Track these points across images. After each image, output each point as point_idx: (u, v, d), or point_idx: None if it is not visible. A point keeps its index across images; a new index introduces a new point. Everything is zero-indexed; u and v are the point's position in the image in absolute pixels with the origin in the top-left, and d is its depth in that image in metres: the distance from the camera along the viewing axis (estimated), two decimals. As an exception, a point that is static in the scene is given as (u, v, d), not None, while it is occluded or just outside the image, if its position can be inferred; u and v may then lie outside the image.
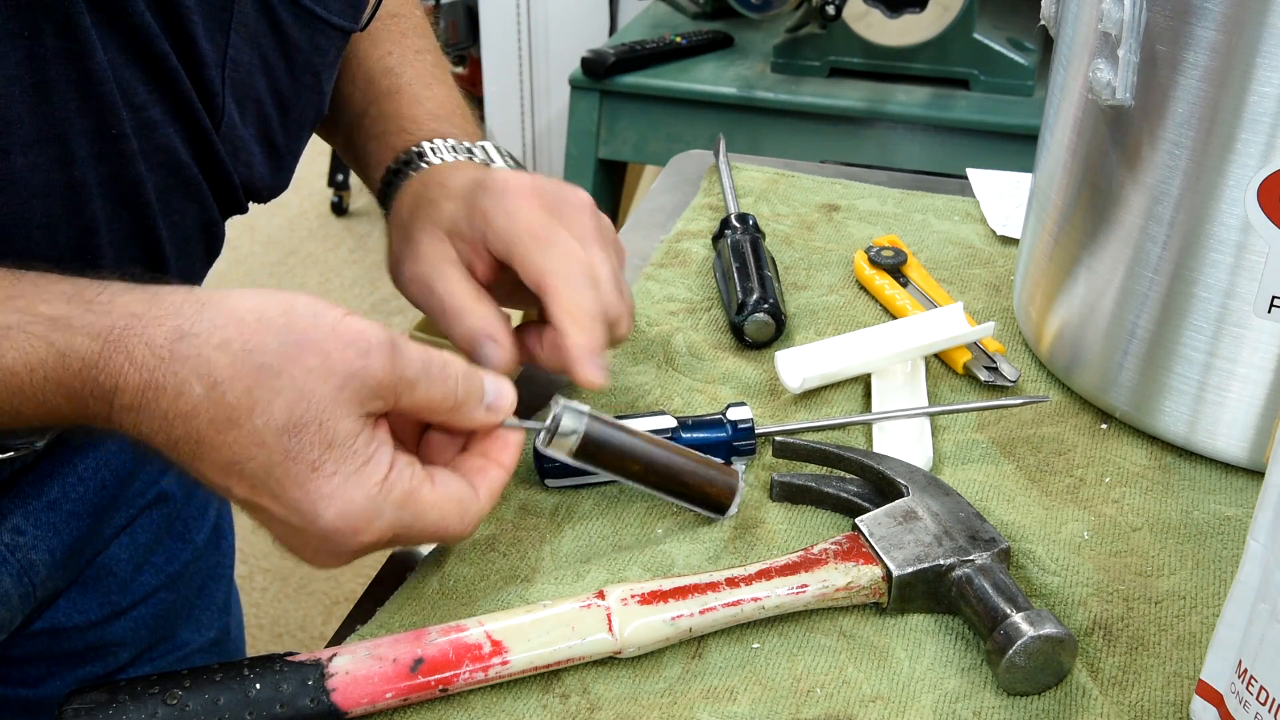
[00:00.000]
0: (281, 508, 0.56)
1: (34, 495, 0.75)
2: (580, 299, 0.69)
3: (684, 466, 0.68)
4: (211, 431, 0.55)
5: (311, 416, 0.55)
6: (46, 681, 0.84)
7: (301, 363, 0.55)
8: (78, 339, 0.54)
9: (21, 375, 0.54)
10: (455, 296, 0.71)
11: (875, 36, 1.81)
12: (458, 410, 0.61)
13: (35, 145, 0.58)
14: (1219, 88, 0.67)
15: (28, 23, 0.56)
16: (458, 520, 0.61)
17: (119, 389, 0.54)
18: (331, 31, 0.73)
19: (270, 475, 0.55)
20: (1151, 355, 0.76)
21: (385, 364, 0.57)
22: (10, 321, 0.54)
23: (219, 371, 0.54)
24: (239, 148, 0.69)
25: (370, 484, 0.57)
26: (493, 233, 0.70)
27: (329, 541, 0.57)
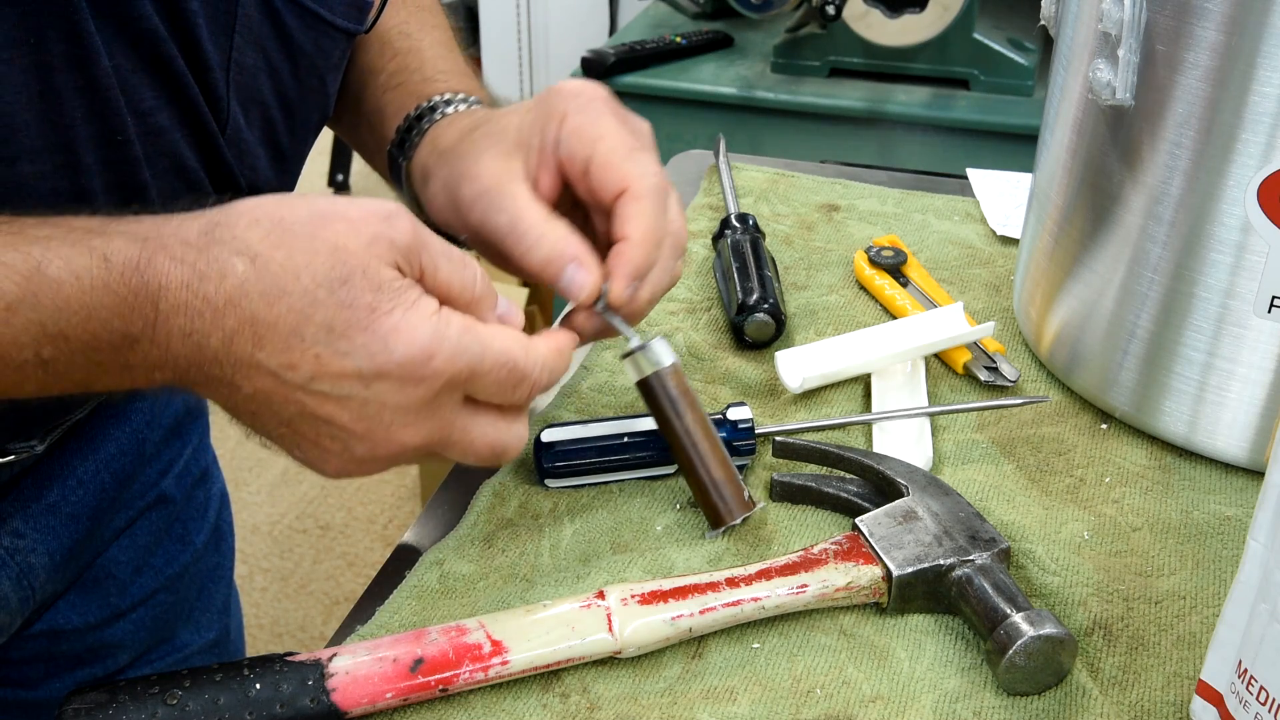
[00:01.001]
0: (350, 366, 0.55)
1: (33, 498, 0.75)
2: (656, 218, 0.66)
3: (715, 462, 0.68)
4: (264, 306, 0.55)
5: (354, 265, 0.55)
6: (46, 683, 0.84)
7: (330, 227, 0.56)
8: (117, 241, 0.54)
9: (68, 284, 0.53)
10: (529, 215, 0.66)
11: (875, 36, 1.81)
12: (475, 305, 0.60)
13: (42, 153, 0.58)
14: (1219, 88, 0.67)
15: (33, 30, 0.56)
16: (523, 352, 0.60)
17: (164, 288, 0.54)
18: (336, 34, 0.73)
19: (333, 330, 0.55)
20: (1151, 355, 0.76)
21: (408, 227, 0.57)
22: (49, 233, 0.54)
23: (256, 245, 0.55)
24: (244, 151, 0.69)
25: (428, 312, 0.57)
26: (574, 135, 0.67)
27: (408, 380, 0.56)
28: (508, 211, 0.66)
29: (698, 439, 0.68)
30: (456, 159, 0.70)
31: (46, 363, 0.54)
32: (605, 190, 0.66)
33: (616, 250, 0.66)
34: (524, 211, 0.66)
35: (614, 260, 0.66)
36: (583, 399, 0.81)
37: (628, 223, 0.66)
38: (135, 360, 0.55)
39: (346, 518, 2.48)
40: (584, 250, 0.65)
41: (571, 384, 0.83)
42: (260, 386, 0.56)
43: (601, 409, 0.80)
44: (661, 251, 0.67)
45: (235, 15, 0.66)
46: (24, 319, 0.52)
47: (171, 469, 0.88)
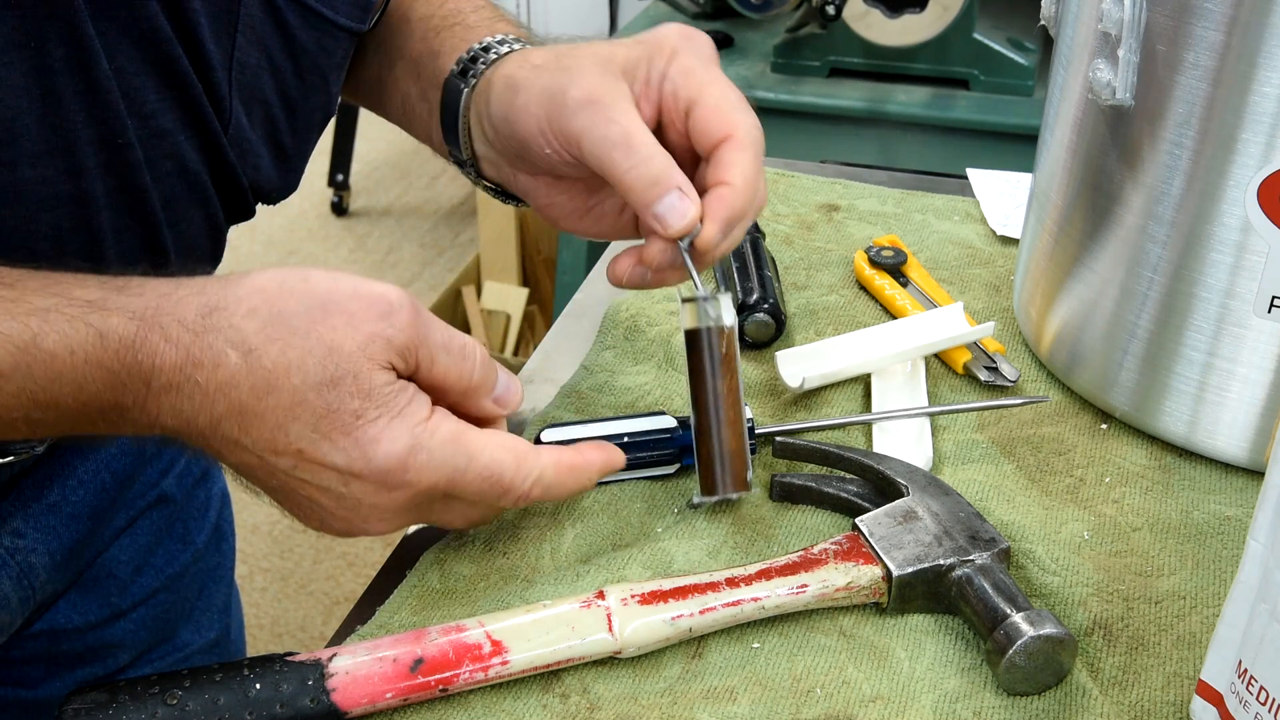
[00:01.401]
0: (330, 462, 0.57)
1: (34, 498, 0.75)
2: (757, 170, 0.66)
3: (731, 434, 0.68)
4: (253, 399, 0.55)
5: (345, 370, 0.56)
6: (46, 683, 0.84)
7: (327, 322, 0.56)
8: (114, 319, 0.55)
9: (61, 358, 0.54)
10: (643, 133, 0.65)
11: (875, 36, 1.81)
12: (470, 394, 0.61)
13: (43, 157, 0.58)
14: (1219, 88, 0.67)
15: (34, 33, 0.56)
16: (513, 467, 0.60)
17: (156, 368, 0.55)
18: (338, 33, 0.72)
19: (317, 430, 0.56)
20: (1151, 355, 0.76)
21: (407, 324, 0.58)
22: (48, 304, 0.54)
23: (252, 338, 0.55)
24: (247, 150, 0.68)
25: (414, 421, 0.58)
26: (683, 75, 0.66)
27: (384, 486, 0.58)
28: (620, 124, 0.64)
29: (723, 405, 0.67)
30: (560, 70, 0.67)
31: (35, 423, 0.56)
32: (709, 135, 0.66)
33: (716, 194, 0.65)
34: (638, 128, 0.65)
35: (712, 203, 0.65)
36: (583, 399, 0.81)
37: (731, 168, 0.65)
38: (124, 424, 0.57)
39: (346, 518, 2.48)
40: (686, 180, 0.65)
41: (572, 384, 0.83)
42: (244, 461, 0.58)
43: (601, 409, 0.80)
44: (752, 205, 0.66)
45: (237, 14, 0.66)
46: (16, 387, 0.54)
47: (172, 468, 0.88)
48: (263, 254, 3.43)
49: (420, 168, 3.93)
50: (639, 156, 0.64)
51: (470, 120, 0.74)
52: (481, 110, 0.72)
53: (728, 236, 0.66)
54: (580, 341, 0.90)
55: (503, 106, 0.70)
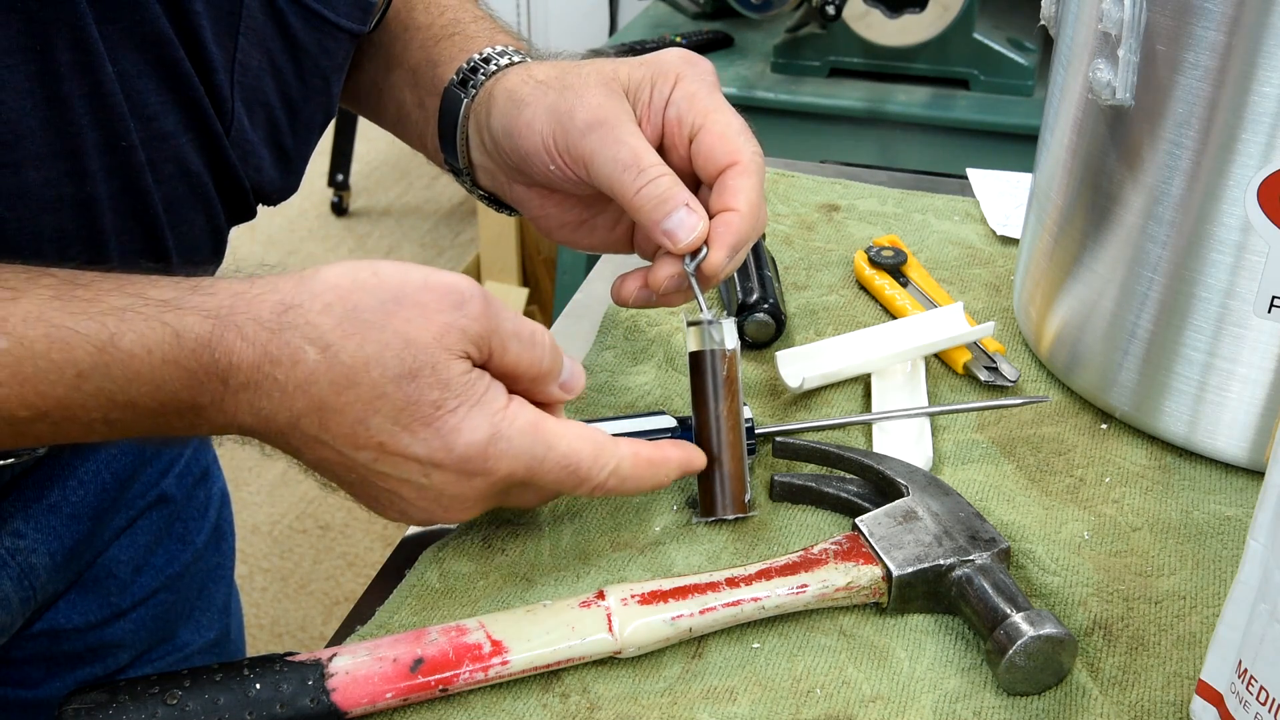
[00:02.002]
0: (412, 453, 0.57)
1: (34, 498, 0.75)
2: (761, 197, 0.67)
3: (731, 457, 0.69)
4: (333, 394, 0.56)
5: (423, 361, 0.57)
6: (46, 683, 0.84)
7: (401, 315, 0.57)
8: (190, 318, 0.55)
9: (139, 358, 0.54)
10: (649, 153, 0.66)
11: (875, 36, 1.81)
12: (540, 380, 0.62)
13: (47, 160, 0.58)
14: (1219, 88, 0.67)
15: (38, 37, 0.56)
16: (590, 457, 0.61)
17: (234, 366, 0.55)
18: (340, 34, 0.72)
19: (397, 423, 0.57)
20: (1151, 355, 0.76)
21: (480, 313, 0.58)
22: (125, 304, 0.54)
23: (329, 334, 0.56)
24: (249, 152, 0.68)
25: (493, 410, 0.58)
26: (688, 101, 0.68)
27: (464, 474, 0.59)
28: (628, 145, 0.66)
29: (724, 428, 0.68)
30: (565, 88, 0.69)
31: (113, 423, 0.56)
32: (714, 161, 0.67)
33: (723, 219, 0.66)
34: (646, 149, 0.66)
35: (719, 228, 0.66)
36: (583, 399, 0.81)
37: (737, 195, 0.66)
38: (201, 423, 0.57)
39: (346, 518, 2.48)
40: (693, 197, 0.66)
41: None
42: (324, 457, 0.59)
43: (602, 409, 0.80)
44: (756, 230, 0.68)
45: (239, 17, 0.66)
46: (94, 387, 0.54)
47: (172, 469, 0.89)
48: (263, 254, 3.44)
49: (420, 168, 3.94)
50: (649, 177, 0.66)
51: (469, 130, 0.75)
52: (482, 121, 0.73)
53: (733, 260, 0.67)
54: (580, 341, 0.90)
55: (505, 120, 0.71)
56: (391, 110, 0.82)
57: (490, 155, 0.74)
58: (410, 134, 0.81)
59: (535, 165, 0.70)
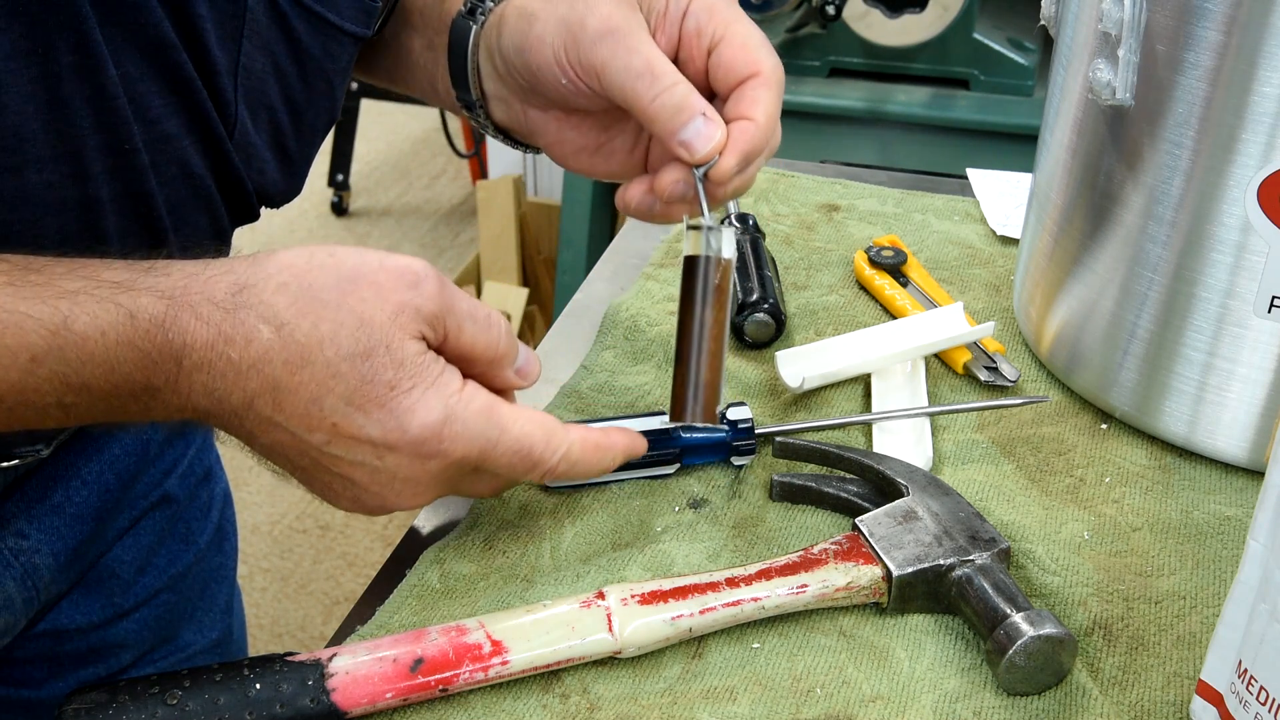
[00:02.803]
0: (366, 435, 0.57)
1: (37, 499, 0.75)
2: (778, 109, 0.66)
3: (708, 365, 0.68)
4: (286, 374, 0.56)
5: (377, 340, 0.56)
6: (49, 682, 0.84)
7: (356, 294, 0.57)
8: (144, 299, 0.55)
9: (93, 340, 0.54)
10: (664, 60, 0.65)
11: (875, 36, 1.81)
12: (496, 364, 0.62)
13: (49, 162, 0.58)
14: (1219, 88, 0.67)
15: (41, 39, 0.56)
16: (542, 440, 0.61)
17: (188, 346, 0.55)
18: (343, 38, 0.72)
19: (351, 403, 0.56)
20: (1151, 355, 0.76)
21: (435, 294, 0.58)
22: (78, 287, 0.54)
23: (283, 313, 0.55)
24: (252, 155, 0.68)
25: (448, 392, 0.58)
26: (707, 11, 0.67)
27: (418, 457, 0.58)
28: (642, 54, 0.65)
29: (706, 335, 0.67)
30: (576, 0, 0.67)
31: (68, 407, 0.55)
32: (734, 71, 0.66)
33: (739, 126, 0.65)
34: (660, 57, 0.65)
35: (734, 134, 0.65)
36: (583, 399, 0.81)
37: (755, 105, 0.66)
38: (155, 406, 0.57)
39: (346, 518, 2.48)
40: (710, 106, 0.65)
41: (572, 384, 0.83)
42: (278, 439, 0.58)
43: (601, 409, 0.81)
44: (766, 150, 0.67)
45: (243, 20, 0.66)
46: (48, 370, 0.53)
47: (175, 469, 0.89)
48: (263, 254, 3.43)
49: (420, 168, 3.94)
50: (664, 84, 0.64)
51: (480, 58, 0.74)
52: (492, 45, 0.72)
53: (744, 171, 0.66)
54: (580, 341, 0.90)
55: (517, 37, 0.70)
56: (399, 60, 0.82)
57: (503, 80, 0.73)
58: (420, 80, 0.81)
59: (547, 80, 0.69)
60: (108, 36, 0.58)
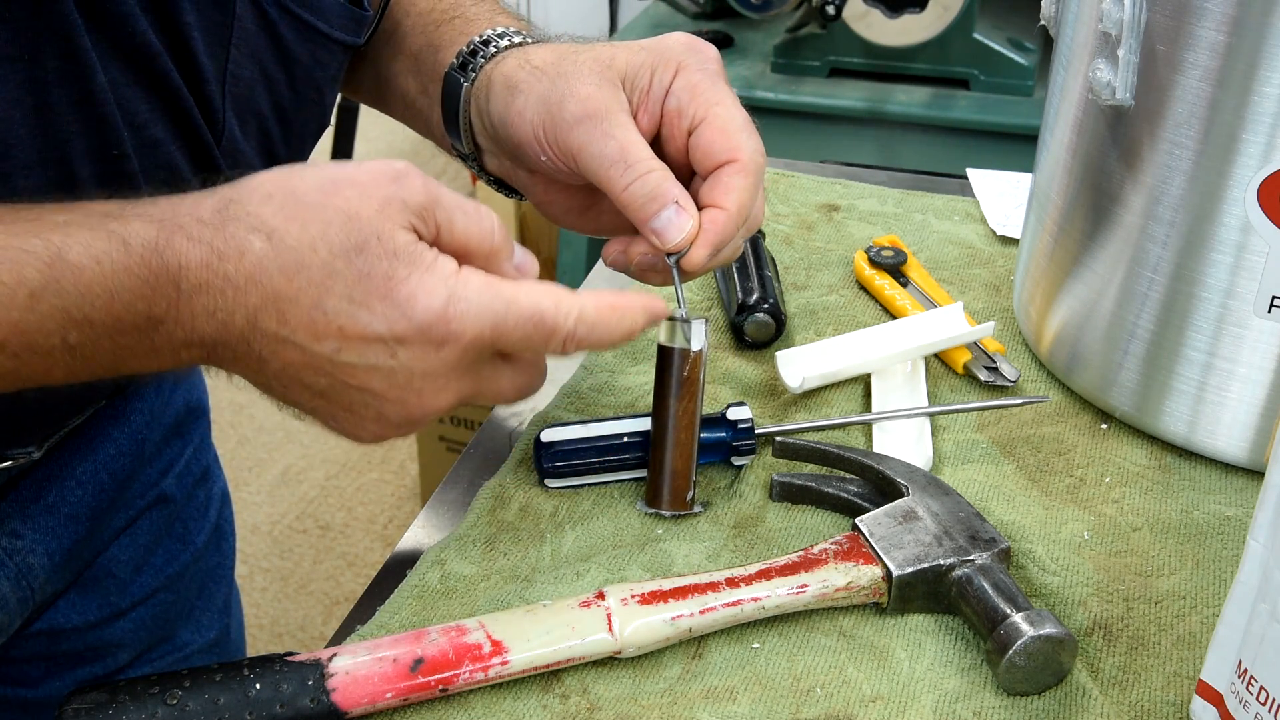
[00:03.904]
0: (373, 331, 0.56)
1: (32, 499, 0.75)
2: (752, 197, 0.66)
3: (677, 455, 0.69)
4: (284, 281, 0.55)
5: (368, 233, 0.56)
6: (46, 682, 0.84)
7: (340, 194, 0.56)
8: (135, 224, 0.54)
9: (89, 269, 0.53)
10: (640, 148, 0.65)
11: (875, 36, 1.81)
12: (494, 256, 0.60)
13: (36, 167, 0.58)
14: (1219, 88, 0.67)
15: (28, 46, 0.56)
16: (552, 305, 0.59)
17: (183, 268, 0.54)
18: (333, 46, 0.72)
19: (353, 300, 0.56)
20: (1151, 355, 0.76)
21: (419, 187, 0.58)
22: (68, 218, 0.54)
23: (271, 220, 0.55)
24: (240, 161, 0.68)
25: (445, 274, 0.57)
26: (689, 92, 0.66)
27: (430, 344, 0.57)
28: (617, 140, 0.65)
29: (676, 427, 0.69)
30: (559, 77, 0.67)
31: (73, 348, 0.55)
32: (712, 155, 0.66)
33: (709, 216, 0.65)
34: (635, 143, 0.65)
35: (703, 224, 0.65)
36: (583, 399, 0.81)
37: (728, 194, 0.65)
38: (161, 341, 0.56)
39: (346, 518, 2.48)
40: (685, 194, 0.65)
41: (572, 384, 0.83)
42: (289, 359, 0.57)
43: (601, 409, 0.81)
44: (741, 231, 0.67)
45: (231, 28, 0.66)
46: (49, 305, 0.53)
47: (172, 468, 0.88)
48: (263, 254, 3.43)
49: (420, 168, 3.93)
50: (637, 173, 0.64)
51: (471, 115, 0.74)
52: (482, 107, 0.72)
53: (715, 258, 0.66)
54: (580, 341, 0.90)
55: (500, 107, 0.70)
56: (398, 100, 0.82)
57: (491, 140, 0.74)
58: (418, 122, 0.81)
59: (528, 155, 0.69)
60: (94, 43, 0.58)
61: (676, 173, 0.66)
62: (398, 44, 0.80)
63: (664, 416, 0.69)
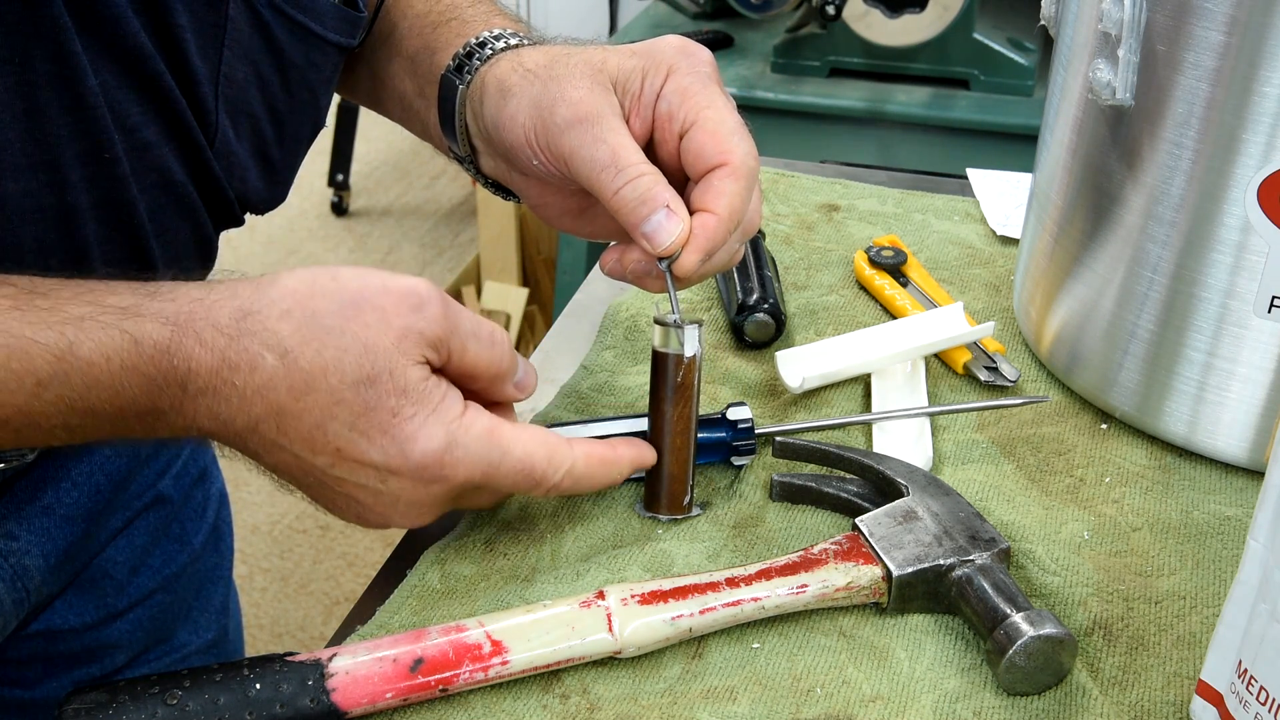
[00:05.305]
0: (369, 459, 0.58)
1: (27, 500, 0.75)
2: (744, 200, 0.65)
3: (674, 460, 0.69)
4: (290, 400, 0.56)
5: (381, 367, 0.57)
6: (43, 683, 0.84)
7: (360, 319, 0.57)
8: (149, 325, 0.55)
9: (99, 365, 0.54)
10: (630, 152, 0.64)
11: (875, 36, 1.81)
12: (498, 380, 0.62)
13: (27, 170, 0.58)
14: (1219, 88, 0.67)
15: (18, 49, 0.56)
16: (545, 459, 0.61)
17: (192, 372, 0.55)
18: (327, 48, 0.72)
19: (354, 429, 0.57)
20: (1152, 355, 0.76)
21: (439, 316, 0.58)
22: (83, 312, 0.55)
23: (287, 340, 0.56)
24: (234, 163, 0.68)
25: (449, 418, 0.59)
26: (680, 95, 0.66)
27: (421, 481, 0.59)
28: (608, 144, 0.64)
29: (671, 432, 0.69)
30: (551, 80, 0.67)
31: (73, 429, 0.56)
32: (703, 159, 0.65)
33: (699, 221, 0.65)
34: (625, 147, 0.65)
35: (694, 230, 0.65)
36: (583, 399, 0.81)
37: (718, 198, 0.65)
38: (160, 427, 0.57)
39: (346, 518, 2.48)
40: (676, 198, 0.64)
41: (572, 384, 0.83)
42: (282, 461, 0.59)
43: (601, 409, 0.80)
44: (734, 235, 0.66)
45: (224, 30, 0.65)
46: (54, 395, 0.54)
47: (170, 469, 0.88)
48: (262, 254, 3.43)
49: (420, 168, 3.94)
50: (627, 177, 0.64)
51: (467, 117, 0.74)
52: (476, 109, 0.72)
53: (708, 264, 0.66)
54: (580, 341, 0.90)
55: (493, 111, 0.70)
56: (394, 100, 0.82)
57: (486, 142, 0.74)
58: (415, 124, 0.81)
59: (521, 158, 0.69)
60: (85, 45, 0.58)
61: (670, 178, 0.66)
62: (394, 45, 0.80)
63: (659, 422, 0.69)
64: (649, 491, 0.71)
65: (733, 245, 0.68)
